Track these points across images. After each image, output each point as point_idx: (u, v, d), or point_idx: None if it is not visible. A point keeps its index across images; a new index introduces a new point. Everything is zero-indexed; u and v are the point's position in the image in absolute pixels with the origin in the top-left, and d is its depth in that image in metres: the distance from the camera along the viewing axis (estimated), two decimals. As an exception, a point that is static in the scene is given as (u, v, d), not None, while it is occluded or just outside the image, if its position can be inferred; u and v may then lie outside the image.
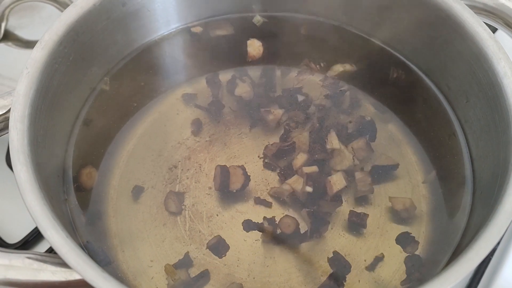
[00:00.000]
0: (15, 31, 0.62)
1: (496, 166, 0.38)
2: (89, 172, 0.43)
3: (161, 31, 0.50)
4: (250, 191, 0.43)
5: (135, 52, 0.49)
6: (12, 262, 0.31)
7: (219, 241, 0.41)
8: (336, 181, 0.42)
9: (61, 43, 0.39)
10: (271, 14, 0.51)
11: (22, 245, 0.47)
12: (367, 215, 0.41)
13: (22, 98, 0.35)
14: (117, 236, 0.41)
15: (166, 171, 0.44)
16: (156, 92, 0.48)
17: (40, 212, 0.31)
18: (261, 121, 0.47)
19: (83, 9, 0.41)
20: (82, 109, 0.45)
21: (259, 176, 0.44)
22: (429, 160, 0.45)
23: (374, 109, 0.47)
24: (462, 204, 0.41)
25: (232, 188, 0.42)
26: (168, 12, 0.49)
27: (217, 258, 0.40)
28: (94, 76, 0.46)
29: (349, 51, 0.51)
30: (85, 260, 0.30)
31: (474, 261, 0.31)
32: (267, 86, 0.49)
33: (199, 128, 0.46)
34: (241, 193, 0.43)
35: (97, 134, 0.45)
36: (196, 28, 0.51)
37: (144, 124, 0.47)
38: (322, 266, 0.40)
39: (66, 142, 0.43)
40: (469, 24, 0.41)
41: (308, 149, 0.44)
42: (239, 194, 0.43)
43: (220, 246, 0.40)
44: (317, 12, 0.51)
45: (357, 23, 0.50)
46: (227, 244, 0.41)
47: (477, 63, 0.40)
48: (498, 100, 0.38)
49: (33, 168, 0.33)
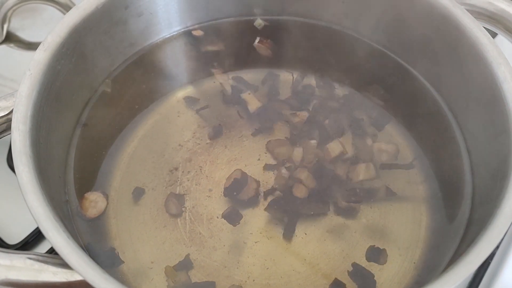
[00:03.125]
0: (17, 33, 0.62)
1: (496, 169, 0.38)
2: (95, 198, 0.42)
3: (163, 34, 0.50)
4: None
5: (136, 54, 0.49)
6: (14, 263, 0.31)
7: (233, 210, 0.42)
8: (334, 148, 0.44)
9: (63, 45, 0.39)
10: (272, 17, 0.52)
11: (22, 246, 0.48)
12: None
13: (24, 100, 0.35)
14: (117, 238, 0.41)
15: (167, 173, 0.44)
16: (157, 94, 0.49)
17: (42, 213, 0.31)
18: (265, 125, 0.47)
19: (86, 11, 0.41)
20: (84, 110, 0.45)
21: (259, 178, 0.44)
22: (428, 164, 0.45)
23: (372, 113, 0.48)
24: (462, 208, 0.41)
25: (240, 196, 0.42)
26: (170, 15, 0.49)
27: (217, 260, 0.40)
28: (96, 78, 0.46)
29: (349, 55, 0.51)
30: (87, 261, 0.30)
31: (473, 264, 0.31)
32: (271, 90, 0.49)
33: (218, 134, 0.47)
34: (241, 196, 0.43)
35: (99, 136, 0.45)
36: (197, 31, 0.51)
37: (145, 126, 0.47)
38: (322, 269, 0.40)
39: (68, 144, 0.43)
40: (469, 29, 0.41)
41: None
42: (240, 197, 0.43)
43: (234, 215, 0.42)
44: (320, 16, 0.51)
45: (358, 27, 0.50)
46: (240, 213, 0.42)
47: (477, 68, 0.41)
48: (498, 104, 0.38)
49: (35, 169, 0.33)
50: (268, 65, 0.51)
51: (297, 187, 0.43)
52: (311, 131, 0.46)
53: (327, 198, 0.43)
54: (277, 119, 0.47)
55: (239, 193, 0.43)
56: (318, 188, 0.43)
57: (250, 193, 0.42)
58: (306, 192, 0.43)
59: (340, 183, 0.43)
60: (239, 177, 0.43)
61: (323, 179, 0.43)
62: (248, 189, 0.42)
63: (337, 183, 0.43)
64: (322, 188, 0.43)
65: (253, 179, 0.43)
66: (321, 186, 0.43)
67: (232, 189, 0.43)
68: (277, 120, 0.47)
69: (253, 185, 0.43)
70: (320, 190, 0.43)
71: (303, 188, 0.43)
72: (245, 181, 0.43)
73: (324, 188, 0.43)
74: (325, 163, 0.44)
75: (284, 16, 0.52)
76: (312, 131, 0.46)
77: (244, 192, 0.43)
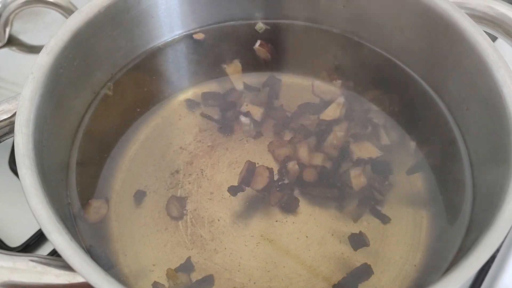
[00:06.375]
0: (19, 36, 0.62)
1: (496, 173, 0.38)
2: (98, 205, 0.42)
3: (165, 38, 0.50)
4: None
5: (138, 58, 0.49)
6: (16, 265, 0.31)
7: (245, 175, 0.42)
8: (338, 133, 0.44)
9: (66, 48, 0.40)
10: (273, 21, 0.52)
11: (24, 249, 0.48)
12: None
13: (27, 103, 0.36)
14: (119, 240, 0.41)
15: (168, 176, 0.44)
16: (159, 98, 0.49)
17: (44, 215, 0.31)
18: (266, 127, 0.47)
19: (88, 15, 0.41)
20: (86, 113, 0.45)
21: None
22: (429, 167, 0.45)
23: (373, 116, 0.48)
24: (462, 211, 0.41)
25: (253, 187, 0.42)
26: (171, 18, 0.49)
27: (218, 263, 0.40)
28: (98, 81, 0.46)
29: (350, 59, 0.51)
30: (89, 263, 0.30)
31: (474, 267, 0.31)
32: (271, 94, 0.49)
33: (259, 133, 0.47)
34: (242, 198, 0.43)
35: (100, 139, 0.46)
36: (198, 34, 0.51)
37: (146, 129, 0.47)
38: (323, 272, 0.40)
39: (70, 147, 0.43)
40: (469, 32, 0.41)
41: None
42: (240, 199, 0.43)
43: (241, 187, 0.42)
44: (321, 20, 0.51)
45: (359, 31, 0.50)
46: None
47: (477, 72, 0.41)
48: (498, 108, 0.39)
49: (37, 172, 0.34)
50: (269, 69, 0.51)
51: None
52: (312, 134, 0.46)
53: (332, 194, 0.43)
54: (278, 122, 0.48)
55: (249, 183, 0.42)
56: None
57: (261, 182, 0.42)
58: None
59: (341, 187, 0.44)
60: (246, 167, 0.42)
61: (324, 183, 0.44)
62: (259, 179, 0.42)
63: (337, 187, 0.44)
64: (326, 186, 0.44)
65: (263, 167, 0.43)
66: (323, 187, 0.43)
67: (244, 181, 0.42)
68: (278, 123, 0.47)
69: (265, 173, 0.42)
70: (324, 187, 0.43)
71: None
72: (252, 171, 0.42)
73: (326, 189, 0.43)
74: (325, 165, 0.45)
75: (285, 20, 0.52)
76: (312, 134, 0.46)
77: (255, 182, 0.42)
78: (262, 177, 0.42)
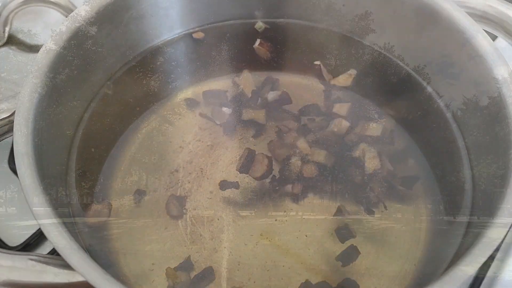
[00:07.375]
0: (19, 35, 0.62)
1: (496, 173, 0.38)
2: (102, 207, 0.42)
3: (164, 37, 0.50)
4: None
5: (138, 57, 0.49)
6: (15, 264, 0.31)
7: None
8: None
9: (65, 48, 0.40)
10: (273, 20, 0.52)
11: (23, 248, 0.48)
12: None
13: (27, 102, 0.36)
14: (118, 239, 0.41)
15: (168, 175, 0.44)
16: (158, 97, 0.49)
17: (44, 214, 0.31)
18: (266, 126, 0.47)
19: (88, 14, 0.41)
20: (85, 113, 0.45)
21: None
22: (429, 167, 0.45)
23: (375, 116, 0.48)
24: (462, 211, 0.41)
25: (252, 174, 0.42)
26: (171, 18, 0.49)
27: (218, 262, 0.40)
28: (97, 80, 0.46)
29: (351, 59, 0.51)
30: (88, 262, 0.30)
31: (473, 266, 0.31)
32: (271, 94, 0.49)
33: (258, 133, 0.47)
34: (242, 197, 0.43)
35: (100, 138, 0.46)
36: (197, 33, 0.51)
37: (146, 128, 0.47)
38: (322, 271, 0.40)
39: (69, 146, 0.43)
40: (469, 31, 0.41)
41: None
42: (240, 198, 0.43)
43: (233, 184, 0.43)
44: (319, 19, 0.51)
45: (359, 31, 0.50)
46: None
47: (477, 71, 0.41)
48: (497, 108, 0.39)
49: (37, 171, 0.34)
50: (269, 68, 0.51)
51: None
52: (312, 135, 0.46)
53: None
54: (277, 121, 0.47)
55: (248, 171, 0.43)
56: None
57: (260, 170, 0.42)
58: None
59: (343, 187, 0.44)
60: (246, 154, 0.43)
61: (324, 180, 0.44)
62: (258, 167, 0.42)
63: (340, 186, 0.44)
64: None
65: (263, 155, 0.43)
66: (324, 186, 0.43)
67: (243, 168, 0.43)
68: (278, 122, 0.47)
69: (264, 161, 0.43)
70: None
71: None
72: (251, 158, 0.43)
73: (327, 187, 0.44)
74: (326, 163, 0.45)
75: (285, 19, 0.52)
76: (313, 135, 0.46)
77: (254, 170, 0.42)
78: (261, 165, 0.42)
